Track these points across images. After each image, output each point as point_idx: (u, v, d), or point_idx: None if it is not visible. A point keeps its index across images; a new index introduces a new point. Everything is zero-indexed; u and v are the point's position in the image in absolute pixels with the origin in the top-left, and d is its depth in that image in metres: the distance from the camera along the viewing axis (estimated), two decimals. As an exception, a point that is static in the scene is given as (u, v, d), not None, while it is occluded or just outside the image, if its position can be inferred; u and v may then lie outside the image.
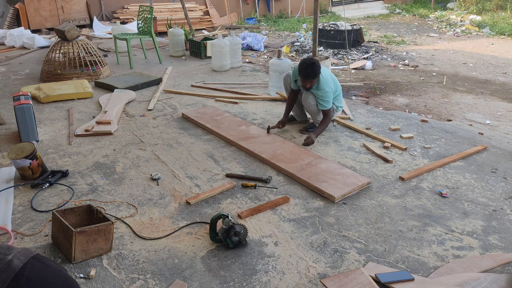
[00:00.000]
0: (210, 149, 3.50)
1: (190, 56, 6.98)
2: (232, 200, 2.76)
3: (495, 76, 6.21)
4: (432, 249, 2.31)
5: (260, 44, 7.77)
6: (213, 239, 2.31)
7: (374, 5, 13.42)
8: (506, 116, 4.50)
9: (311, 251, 2.27)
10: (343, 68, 6.59)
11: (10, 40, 7.50)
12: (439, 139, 3.73)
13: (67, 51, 5.46)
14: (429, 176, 3.09)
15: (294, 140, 3.69)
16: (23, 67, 6.18)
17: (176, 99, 4.78)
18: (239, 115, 4.25)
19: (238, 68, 6.22)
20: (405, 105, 4.84)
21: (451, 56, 7.52)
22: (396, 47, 8.17)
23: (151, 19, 6.25)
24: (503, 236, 2.42)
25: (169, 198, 2.78)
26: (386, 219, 2.57)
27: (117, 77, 5.44)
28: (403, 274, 2.04)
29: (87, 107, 4.48)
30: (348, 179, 2.93)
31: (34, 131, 3.59)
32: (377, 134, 3.77)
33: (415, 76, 6.16)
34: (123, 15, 9.50)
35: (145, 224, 2.50)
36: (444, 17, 11.59)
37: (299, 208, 2.67)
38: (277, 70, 4.70)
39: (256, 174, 3.09)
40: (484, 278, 2.04)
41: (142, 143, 3.61)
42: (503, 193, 2.88)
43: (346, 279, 2.00)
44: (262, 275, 2.09)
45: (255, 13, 11.29)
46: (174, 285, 2.02)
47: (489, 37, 9.45)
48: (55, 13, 8.99)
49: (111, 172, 3.12)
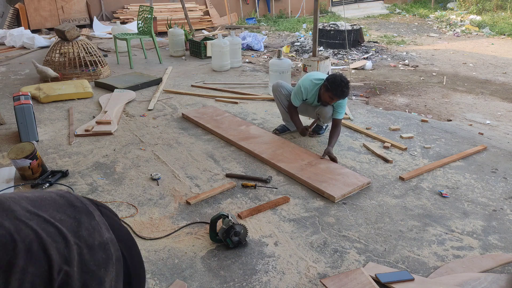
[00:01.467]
0: (210, 149, 3.50)
1: (190, 56, 6.98)
2: (232, 200, 2.76)
3: (495, 76, 6.21)
4: (432, 249, 2.31)
5: (260, 44, 7.77)
6: (213, 239, 2.31)
7: (374, 5, 13.42)
8: (506, 116, 4.50)
9: (311, 251, 2.27)
10: (343, 68, 6.58)
11: (10, 40, 7.51)
12: (439, 139, 3.73)
13: (67, 51, 5.46)
14: (429, 176, 3.09)
15: (294, 140, 3.69)
16: (23, 67, 6.18)
17: (176, 99, 4.78)
18: (239, 115, 4.25)
19: (238, 68, 6.22)
20: (405, 105, 4.84)
21: (451, 56, 7.52)
22: (396, 47, 8.17)
23: (151, 19, 6.25)
24: (503, 236, 2.42)
25: (169, 198, 2.78)
26: (386, 219, 2.57)
27: (117, 77, 5.44)
28: (403, 274, 2.04)
29: (87, 107, 4.48)
30: (348, 179, 2.93)
31: (34, 131, 3.59)
32: (377, 134, 3.77)
33: (415, 76, 6.16)
34: (123, 15, 9.50)
35: (145, 224, 2.50)
36: (444, 17, 11.60)
37: (299, 208, 2.67)
38: (277, 70, 4.70)
39: (256, 174, 3.09)
40: (484, 278, 2.04)
41: (142, 143, 3.61)
42: (503, 193, 2.88)
43: (346, 279, 2.00)
44: (262, 275, 2.09)
45: (255, 13, 11.29)
46: (174, 285, 2.02)
47: (489, 37, 9.45)
48: (55, 13, 8.99)
49: (111, 172, 3.12)
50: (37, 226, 0.80)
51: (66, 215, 0.88)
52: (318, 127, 3.79)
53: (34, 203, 0.86)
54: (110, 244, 0.90)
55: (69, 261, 0.80)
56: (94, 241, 0.87)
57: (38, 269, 0.75)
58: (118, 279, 0.90)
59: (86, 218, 0.90)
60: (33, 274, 0.74)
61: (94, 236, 0.88)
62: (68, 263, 0.80)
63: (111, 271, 0.88)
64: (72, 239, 0.83)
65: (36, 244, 0.77)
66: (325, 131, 3.80)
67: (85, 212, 0.91)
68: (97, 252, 0.86)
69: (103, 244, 0.89)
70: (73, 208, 0.90)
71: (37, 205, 0.86)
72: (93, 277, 0.83)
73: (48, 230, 0.81)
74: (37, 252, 0.76)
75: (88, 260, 0.84)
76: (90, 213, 0.92)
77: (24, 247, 0.75)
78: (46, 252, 0.77)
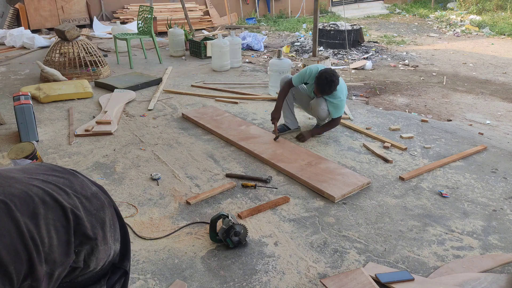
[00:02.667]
0: (210, 149, 3.50)
1: (190, 56, 6.98)
2: (232, 200, 2.76)
3: (495, 76, 6.21)
4: (432, 249, 2.31)
5: (260, 44, 7.77)
6: (213, 239, 2.31)
7: (374, 5, 13.42)
8: (506, 116, 4.50)
9: (311, 251, 2.27)
10: (343, 68, 6.59)
11: (10, 40, 7.50)
12: (439, 139, 3.73)
13: (67, 51, 5.46)
14: (429, 176, 3.09)
15: (294, 140, 3.69)
16: (23, 67, 6.18)
17: (176, 99, 4.78)
18: (239, 115, 4.25)
19: (238, 68, 6.22)
20: (405, 105, 4.84)
21: (451, 56, 7.52)
22: (396, 47, 8.17)
23: (151, 19, 6.25)
24: (503, 236, 2.42)
25: (169, 198, 2.78)
26: (386, 219, 2.57)
27: (117, 77, 5.44)
28: (403, 274, 2.04)
29: (87, 107, 4.48)
30: (348, 179, 2.93)
31: (34, 131, 3.59)
32: (377, 134, 3.77)
33: (415, 76, 6.16)
34: (123, 15, 9.50)
35: (145, 224, 2.50)
36: (444, 17, 11.59)
37: (299, 208, 2.67)
38: (277, 70, 4.70)
39: (256, 174, 3.09)
40: (484, 278, 2.04)
41: (142, 143, 3.61)
42: (503, 193, 2.88)
43: (346, 279, 2.00)
44: (262, 275, 2.09)
45: (255, 13, 11.29)
46: (174, 285, 2.02)
47: (489, 37, 9.45)
48: (55, 13, 8.99)
49: (111, 172, 3.12)
50: (40, 184, 0.98)
51: (56, 176, 1.06)
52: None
53: (25, 171, 1.04)
54: (100, 193, 1.12)
55: (76, 206, 1.00)
56: (87, 193, 1.07)
57: (55, 214, 0.94)
58: (114, 218, 1.13)
59: (72, 177, 1.10)
60: (53, 218, 0.93)
61: (85, 189, 1.08)
62: (76, 208, 0.99)
63: (107, 213, 1.10)
64: (71, 192, 1.03)
65: (48, 196, 0.95)
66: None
67: (69, 173, 1.11)
68: (92, 200, 1.07)
69: (94, 193, 1.10)
70: (57, 172, 1.09)
71: (29, 172, 1.04)
72: (96, 218, 1.05)
73: (49, 187, 0.99)
74: (50, 202, 0.95)
75: (88, 206, 1.04)
76: (73, 173, 1.12)
77: (40, 200, 0.93)
78: (57, 201, 0.96)
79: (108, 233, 1.07)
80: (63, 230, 0.94)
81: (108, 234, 1.07)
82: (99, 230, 1.03)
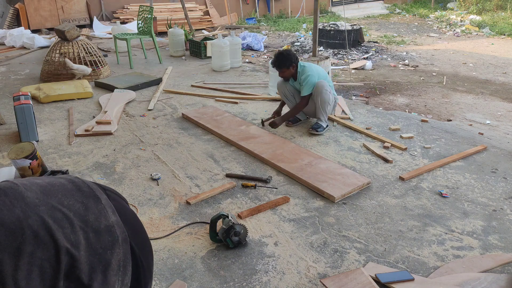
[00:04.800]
0: (210, 149, 3.50)
1: (190, 56, 6.98)
2: (232, 200, 2.76)
3: (495, 76, 6.21)
4: (432, 249, 2.31)
5: (260, 44, 7.77)
6: (213, 239, 2.31)
7: (374, 5, 13.42)
8: (506, 116, 4.50)
9: (311, 251, 2.27)
10: (343, 68, 6.59)
11: (10, 40, 7.51)
12: (439, 139, 3.73)
13: (67, 51, 5.46)
14: (429, 176, 3.09)
15: (294, 140, 3.69)
16: (23, 67, 6.18)
17: (176, 99, 4.78)
18: (239, 115, 4.25)
19: (238, 68, 6.22)
20: (405, 105, 4.84)
21: (451, 56, 7.52)
22: (396, 47, 8.17)
23: (151, 19, 6.25)
24: (503, 236, 2.42)
25: (169, 198, 2.78)
26: (386, 219, 2.57)
27: (117, 77, 5.44)
28: (403, 274, 2.04)
29: (87, 107, 4.48)
30: (348, 179, 2.93)
31: (34, 131, 3.59)
32: (377, 134, 3.77)
33: (415, 76, 6.16)
34: (123, 15, 9.50)
35: (145, 224, 2.49)
36: (444, 17, 11.60)
37: (299, 208, 2.67)
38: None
39: (256, 174, 3.09)
40: (484, 278, 2.04)
41: (142, 143, 3.61)
42: (503, 193, 2.88)
43: (346, 279, 2.00)
44: (262, 275, 2.09)
45: (255, 13, 11.29)
46: (174, 285, 2.02)
47: (489, 37, 9.45)
48: (55, 13, 8.99)
49: (111, 172, 3.12)
50: (45, 212, 0.86)
51: (74, 200, 0.93)
52: (317, 125, 3.79)
53: (44, 189, 0.92)
54: (116, 226, 0.95)
55: (76, 245, 0.86)
56: (100, 225, 0.92)
57: (46, 253, 0.81)
58: (126, 259, 0.95)
59: (93, 202, 0.96)
60: (41, 258, 0.80)
61: (100, 220, 0.93)
62: (75, 247, 0.85)
63: (118, 252, 0.93)
64: (79, 224, 0.89)
65: (43, 230, 0.82)
66: (324, 130, 3.80)
67: (92, 197, 0.97)
68: (103, 235, 0.91)
69: (109, 227, 0.94)
70: (81, 193, 0.96)
71: (46, 191, 0.91)
72: (100, 259, 0.89)
73: (55, 216, 0.86)
74: (44, 237, 0.81)
75: (95, 244, 0.89)
76: (97, 198, 0.97)
77: (31, 234, 0.80)
78: (53, 237, 0.83)
79: (111, 278, 0.91)
80: (50, 272, 0.80)
81: (111, 279, 0.91)
82: (99, 274, 0.88)
